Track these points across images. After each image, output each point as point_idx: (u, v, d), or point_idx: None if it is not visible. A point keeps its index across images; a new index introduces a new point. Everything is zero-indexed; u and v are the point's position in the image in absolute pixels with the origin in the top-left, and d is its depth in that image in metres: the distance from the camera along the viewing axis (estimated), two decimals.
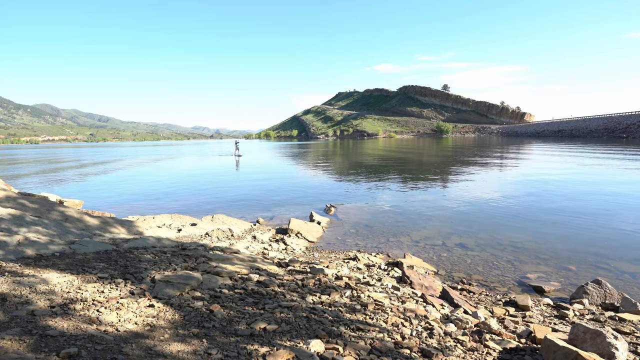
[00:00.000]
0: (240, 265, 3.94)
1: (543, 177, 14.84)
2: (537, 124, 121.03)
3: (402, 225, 7.83)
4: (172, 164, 29.52)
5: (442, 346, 2.55)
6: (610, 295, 4.07)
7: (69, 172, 23.39)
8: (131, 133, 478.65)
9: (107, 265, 3.40)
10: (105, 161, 33.75)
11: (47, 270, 2.96)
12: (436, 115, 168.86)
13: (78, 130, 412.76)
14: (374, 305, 3.12)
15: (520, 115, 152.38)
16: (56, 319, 2.11)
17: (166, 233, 6.04)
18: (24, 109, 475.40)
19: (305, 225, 7.40)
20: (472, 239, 6.63)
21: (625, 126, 67.67)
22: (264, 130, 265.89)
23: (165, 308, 2.52)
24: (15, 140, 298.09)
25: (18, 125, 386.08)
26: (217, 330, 2.30)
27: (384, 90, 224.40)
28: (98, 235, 5.03)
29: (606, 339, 2.40)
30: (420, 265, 5.30)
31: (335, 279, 3.89)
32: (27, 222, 4.48)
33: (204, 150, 55.22)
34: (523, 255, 5.72)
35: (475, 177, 15.58)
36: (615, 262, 5.34)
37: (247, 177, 18.64)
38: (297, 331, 2.43)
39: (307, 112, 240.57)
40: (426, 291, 4.02)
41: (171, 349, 1.98)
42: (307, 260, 5.14)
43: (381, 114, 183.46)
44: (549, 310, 3.83)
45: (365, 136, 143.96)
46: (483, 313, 3.50)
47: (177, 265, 3.64)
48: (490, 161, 23.77)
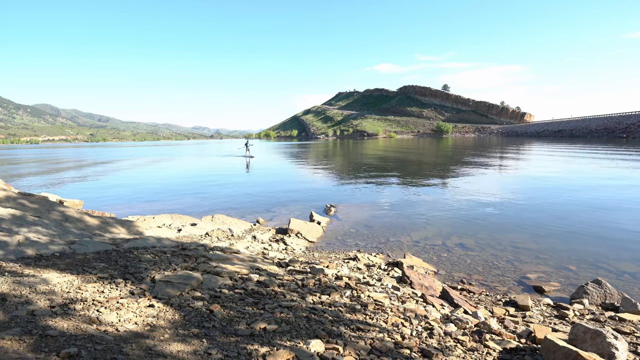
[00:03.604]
0: (240, 265, 3.94)
1: (543, 177, 14.84)
2: (537, 124, 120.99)
3: (402, 225, 7.83)
4: (173, 164, 29.50)
5: (442, 346, 2.55)
6: (610, 295, 4.07)
7: (69, 172, 23.39)
8: (131, 133, 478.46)
9: (107, 265, 3.40)
10: (105, 161, 33.75)
11: (47, 270, 2.96)
12: (436, 115, 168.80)
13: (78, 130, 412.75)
14: (374, 305, 3.12)
15: (520, 115, 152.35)
16: (56, 319, 2.11)
17: (166, 233, 6.04)
18: (24, 109, 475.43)
19: (305, 225, 7.40)
20: (472, 239, 6.63)
21: (625, 126, 67.66)
22: (264, 130, 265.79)
23: (165, 308, 2.52)
24: (15, 140, 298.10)
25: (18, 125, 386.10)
26: (217, 330, 2.30)
27: (384, 90, 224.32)
28: (98, 235, 5.03)
29: (606, 339, 2.40)
30: (420, 265, 5.30)
31: (335, 279, 3.89)
32: (27, 222, 4.48)
33: (205, 150, 55.15)
34: (523, 255, 5.72)
35: (475, 177, 15.58)
36: (615, 262, 5.34)
37: (247, 177, 18.65)
38: (297, 331, 2.43)
39: (307, 112, 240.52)
40: (426, 291, 4.02)
41: (171, 349, 1.98)
42: (307, 260, 5.14)
43: (381, 114, 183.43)
44: (549, 310, 3.83)
45: (365, 136, 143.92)
46: (483, 313, 3.50)
47: (177, 265, 3.64)
48: (490, 161, 23.77)
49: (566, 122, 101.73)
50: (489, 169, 18.83)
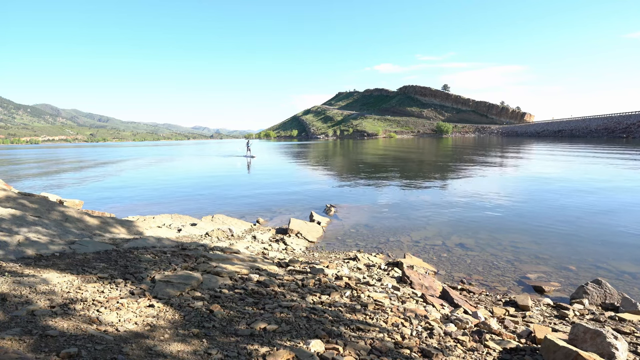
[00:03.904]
0: (240, 265, 3.94)
1: (543, 177, 14.84)
2: (537, 124, 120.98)
3: (402, 225, 7.83)
4: (173, 164, 29.50)
5: (442, 346, 2.55)
6: (610, 295, 4.07)
7: (69, 172, 23.40)
8: (131, 133, 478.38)
9: (107, 265, 3.40)
10: (105, 161, 33.75)
11: (47, 270, 2.96)
12: (436, 115, 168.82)
13: (78, 130, 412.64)
14: (374, 305, 3.12)
15: (520, 115, 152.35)
16: (56, 319, 2.11)
17: (166, 233, 6.04)
18: (24, 109, 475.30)
19: (305, 225, 7.40)
20: (472, 239, 6.63)
21: (625, 126, 67.66)
22: (264, 130, 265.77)
23: (165, 308, 2.52)
24: (15, 140, 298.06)
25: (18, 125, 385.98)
26: (217, 330, 2.30)
27: (384, 90, 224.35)
28: (98, 235, 5.03)
29: (606, 339, 2.40)
30: (420, 265, 5.30)
31: (335, 279, 3.89)
32: (27, 222, 4.48)
33: (205, 151, 55.09)
34: (523, 255, 5.72)
35: (475, 177, 15.58)
36: (615, 262, 5.34)
37: (248, 177, 18.65)
38: (297, 331, 2.43)
39: (307, 112, 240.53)
40: (426, 291, 4.02)
41: (171, 349, 1.98)
42: (307, 260, 5.14)
43: (381, 114, 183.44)
44: (549, 310, 3.83)
45: (365, 136, 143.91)
46: (483, 313, 3.50)
47: (177, 265, 3.64)
48: (490, 161, 23.77)
49: (566, 122, 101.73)
50: (488, 169, 18.83)
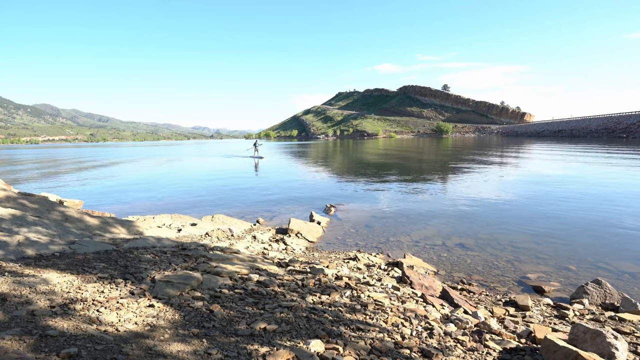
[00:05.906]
0: (240, 265, 3.94)
1: (543, 177, 14.84)
2: (537, 124, 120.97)
3: (402, 225, 7.83)
4: (173, 165, 29.49)
5: (442, 346, 2.55)
6: (610, 295, 4.07)
7: (69, 172, 23.39)
8: (131, 133, 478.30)
9: (107, 265, 3.40)
10: (105, 161, 33.74)
11: (47, 270, 2.96)
12: (436, 115, 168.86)
13: (78, 130, 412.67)
14: (374, 305, 3.12)
15: (520, 115, 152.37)
16: (56, 319, 2.11)
17: (166, 233, 6.04)
18: (24, 109, 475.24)
19: (305, 225, 7.40)
20: (472, 239, 6.63)
21: (625, 126, 67.66)
22: (264, 130, 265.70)
23: (165, 308, 2.52)
24: (15, 140, 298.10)
25: (18, 125, 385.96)
26: (217, 330, 2.30)
27: (384, 90, 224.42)
28: (98, 235, 5.03)
29: (606, 339, 2.40)
30: (420, 265, 5.30)
31: (335, 279, 3.89)
32: (27, 222, 4.48)
33: (206, 151, 54.92)
34: (523, 255, 5.72)
35: (475, 177, 15.58)
36: (615, 262, 5.34)
37: (248, 177, 18.64)
38: (297, 331, 2.43)
39: (307, 112, 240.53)
40: (426, 291, 4.02)
41: (171, 349, 1.98)
42: (307, 260, 5.14)
43: (381, 114, 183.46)
44: (549, 310, 3.83)
45: (365, 136, 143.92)
46: (483, 313, 3.50)
47: (177, 265, 3.64)
48: (490, 161, 23.76)
49: (566, 122, 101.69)
50: (488, 169, 18.82)
